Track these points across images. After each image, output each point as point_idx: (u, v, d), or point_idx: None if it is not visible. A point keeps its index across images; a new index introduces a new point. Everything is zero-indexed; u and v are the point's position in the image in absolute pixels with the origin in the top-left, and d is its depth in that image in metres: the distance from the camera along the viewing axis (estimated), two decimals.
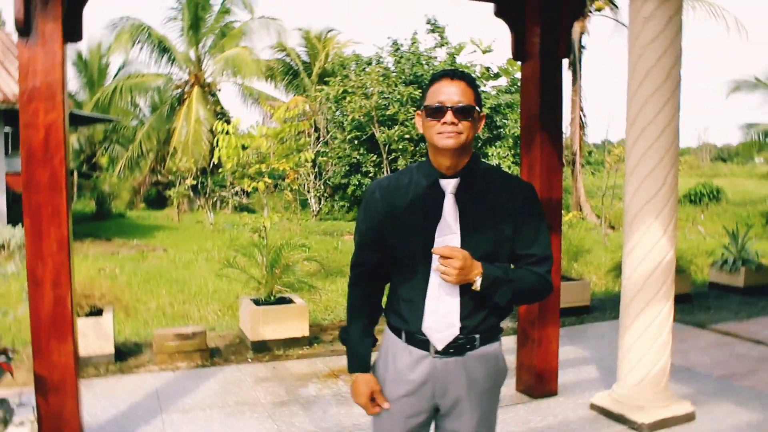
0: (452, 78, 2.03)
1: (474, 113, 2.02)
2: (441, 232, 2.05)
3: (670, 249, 4.26)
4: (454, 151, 2.02)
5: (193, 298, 9.06)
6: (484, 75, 14.78)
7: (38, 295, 3.64)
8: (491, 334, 2.14)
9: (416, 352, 2.11)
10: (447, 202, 2.06)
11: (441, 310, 2.05)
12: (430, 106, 2.02)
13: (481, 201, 2.08)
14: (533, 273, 2.10)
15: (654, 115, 4.06)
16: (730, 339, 6.69)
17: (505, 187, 2.12)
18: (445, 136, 1.99)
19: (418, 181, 2.12)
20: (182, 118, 23.60)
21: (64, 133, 3.65)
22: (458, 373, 2.09)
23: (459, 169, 2.07)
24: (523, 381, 4.99)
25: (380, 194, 2.16)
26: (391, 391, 2.16)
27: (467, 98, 2.01)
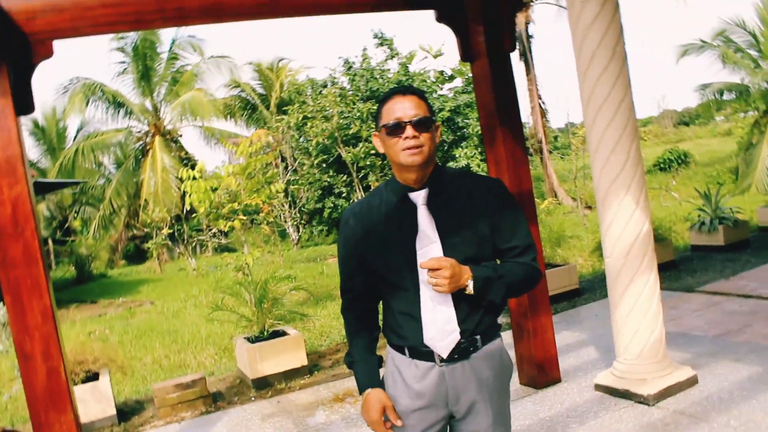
0: (404, 94, 2.08)
1: (431, 124, 2.07)
2: (421, 243, 2.09)
3: (646, 220, 4.33)
4: (423, 165, 2.07)
5: (188, 346, 8.98)
6: (439, 79, 14.91)
7: (30, 369, 3.61)
8: (491, 332, 2.17)
9: (422, 364, 2.14)
10: (420, 213, 2.10)
11: (439, 320, 2.08)
12: (388, 124, 2.05)
13: (454, 205, 2.12)
14: (520, 264, 2.14)
15: (606, 93, 4.14)
16: (720, 298, 6.79)
17: (474, 187, 2.15)
18: (409, 153, 2.03)
19: (389, 200, 2.16)
20: (148, 169, 23.44)
21: (31, 204, 3.64)
22: (467, 376, 2.12)
23: (426, 179, 2.12)
24: (526, 373, 5.03)
25: (354, 221, 2.20)
26: (405, 407, 2.17)
27: (422, 110, 2.06)
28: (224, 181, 9.19)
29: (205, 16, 4.03)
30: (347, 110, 13.53)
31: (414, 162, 2.04)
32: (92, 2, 3.74)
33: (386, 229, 2.14)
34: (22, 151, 3.63)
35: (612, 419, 4.13)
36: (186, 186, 8.96)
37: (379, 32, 14.75)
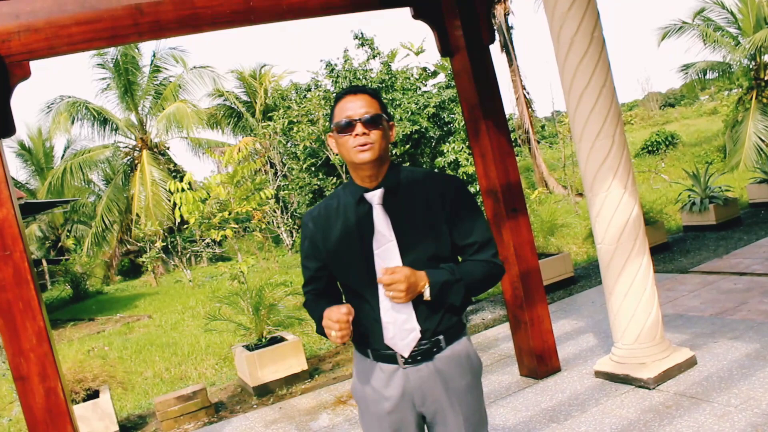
0: (355, 93, 2.10)
1: (382, 121, 2.08)
2: (378, 243, 2.09)
3: (635, 204, 4.34)
4: (373, 163, 2.07)
5: (188, 358, 8.96)
6: (422, 76, 14.89)
7: (27, 390, 3.58)
8: (455, 332, 2.16)
9: (386, 367, 2.14)
10: (376, 213, 2.11)
11: (399, 319, 2.08)
12: (339, 123, 2.06)
13: (410, 204, 2.12)
14: (479, 262, 2.13)
15: (587, 80, 4.15)
16: (715, 277, 6.82)
17: (430, 185, 2.15)
18: (360, 150, 2.04)
19: (346, 201, 2.17)
20: (138, 184, 23.40)
21: (18, 226, 3.60)
22: (432, 378, 2.12)
23: (381, 179, 2.13)
24: (525, 365, 5.03)
25: (313, 225, 2.22)
26: (374, 410, 2.18)
27: (373, 108, 2.07)
28: (213, 191, 9.18)
29: (181, 27, 4.01)
30: None
31: (364, 159, 2.04)
32: (66, 21, 3.72)
33: (344, 230, 2.14)
34: (5, 173, 3.59)
35: (614, 405, 4.14)
36: (175, 198, 8.95)
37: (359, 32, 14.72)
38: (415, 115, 13.61)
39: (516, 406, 4.48)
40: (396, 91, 14.30)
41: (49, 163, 29.48)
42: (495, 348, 5.98)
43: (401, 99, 13.95)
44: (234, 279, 9.55)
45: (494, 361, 5.61)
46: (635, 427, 3.78)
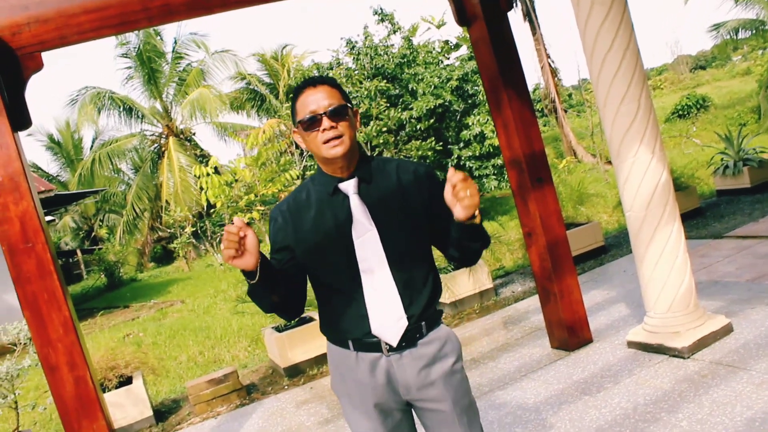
0: (314, 85, 2.02)
1: (347, 111, 2.01)
2: (358, 232, 2.03)
3: (663, 169, 4.20)
4: (346, 155, 2.01)
5: (221, 341, 9.04)
6: (444, 49, 14.68)
7: (57, 380, 3.61)
8: (435, 318, 2.13)
9: (369, 356, 2.08)
10: (353, 202, 2.04)
11: (385, 307, 2.03)
12: (304, 119, 1.99)
13: (385, 192, 2.07)
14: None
15: (610, 42, 4.00)
16: (750, 242, 6.63)
17: (403, 172, 2.11)
18: (330, 145, 1.98)
19: (318, 193, 2.10)
20: (166, 171, 23.59)
21: (39, 218, 3.61)
22: (415, 364, 2.08)
23: (353, 169, 2.07)
24: (556, 337, 4.95)
25: (283, 219, 2.13)
26: (360, 403, 2.13)
27: (336, 99, 2.00)
28: (238, 174, 9.19)
29: (191, 10, 3.95)
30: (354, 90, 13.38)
31: (337, 153, 1.98)
32: (76, 9, 3.68)
33: (319, 222, 2.07)
34: (23, 166, 3.60)
35: (647, 375, 4.04)
36: (201, 182, 8.99)
37: (379, 8, 14.54)
38: (438, 89, 13.44)
39: (547, 379, 4.42)
40: (418, 66, 14.12)
41: (79, 154, 29.90)
42: (525, 321, 5.90)
43: (423, 73, 13.78)
44: None
45: (524, 334, 5.54)
46: (670, 397, 3.69)
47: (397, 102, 13.85)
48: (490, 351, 5.33)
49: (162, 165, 24.02)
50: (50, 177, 29.63)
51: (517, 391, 4.35)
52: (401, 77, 14.06)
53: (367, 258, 2.02)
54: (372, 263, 2.02)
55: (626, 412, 3.67)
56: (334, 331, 2.14)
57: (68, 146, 30.01)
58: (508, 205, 15.31)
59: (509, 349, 5.23)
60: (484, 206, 16.73)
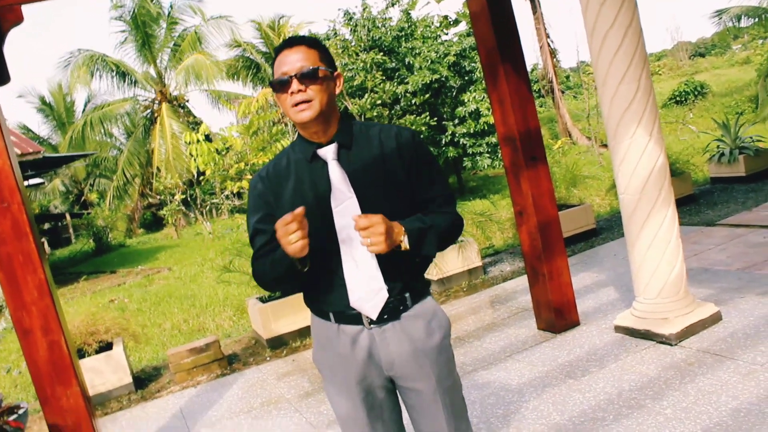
0: (290, 46, 1.93)
1: (320, 74, 1.90)
2: (337, 201, 1.94)
3: (660, 152, 4.11)
4: (316, 120, 1.92)
5: (206, 309, 8.99)
6: (443, 24, 14.48)
7: (31, 344, 3.53)
8: (421, 290, 2.05)
9: (350, 329, 2.00)
10: (332, 169, 1.95)
11: (363, 278, 1.95)
12: (275, 81, 1.91)
13: (366, 158, 1.98)
14: (444, 213, 2.02)
15: (612, 19, 3.88)
16: (743, 230, 6.57)
17: (385, 137, 2.02)
18: (298, 109, 1.89)
19: (297, 159, 2.01)
20: (158, 137, 23.36)
21: (16, 177, 3.49)
22: (399, 338, 2.00)
23: (332, 134, 1.98)
24: (543, 318, 4.89)
25: (263, 185, 2.04)
26: (341, 377, 2.06)
27: (310, 61, 1.90)
28: (229, 142, 9.06)
29: None
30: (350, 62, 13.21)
31: (303, 118, 1.89)
32: None
33: (297, 189, 1.98)
34: (0, 123, 3.47)
35: (633, 361, 3.99)
36: (191, 149, 8.85)
37: None
38: (435, 64, 13.28)
39: (532, 361, 4.36)
40: (416, 40, 13.95)
41: (71, 117, 29.59)
42: (513, 301, 5.84)
43: (421, 47, 13.60)
44: None
45: (511, 314, 5.48)
46: (655, 384, 3.64)
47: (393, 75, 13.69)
48: (476, 330, 5.27)
49: (154, 131, 23.80)
50: (41, 139, 29.33)
51: (501, 372, 4.29)
52: (398, 51, 13.89)
53: (346, 227, 1.93)
54: (351, 232, 1.92)
55: (610, 397, 3.61)
56: (316, 303, 2.07)
57: (60, 109, 29.68)
58: (501, 185, 15.23)
59: (495, 329, 5.18)
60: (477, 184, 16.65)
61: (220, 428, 4.41)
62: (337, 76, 1.99)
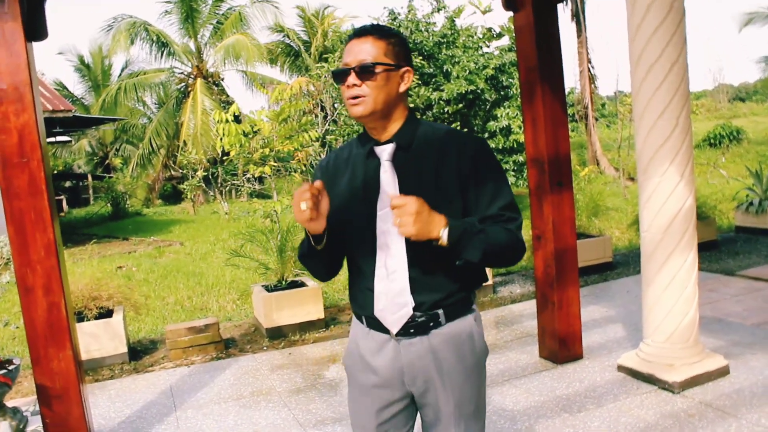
0: (359, 36, 1.84)
1: (378, 69, 1.79)
2: (382, 204, 1.85)
3: (689, 194, 4.01)
4: (369, 117, 1.83)
5: (211, 289, 8.97)
6: (486, 35, 14.36)
7: (31, 302, 3.51)
8: (459, 308, 1.92)
9: (378, 336, 1.93)
10: (384, 170, 1.87)
11: (391, 290, 1.86)
12: (335, 71, 1.83)
13: (422, 164, 1.86)
14: (504, 229, 1.82)
15: (659, 52, 3.78)
16: (762, 284, 6.42)
17: (449, 144, 1.87)
18: (351, 103, 1.81)
19: (357, 153, 1.94)
20: (189, 111, 23.44)
21: (39, 134, 3.48)
22: (424, 354, 1.90)
23: (393, 132, 1.88)
24: (547, 347, 4.80)
25: (321, 175, 2.00)
26: (361, 381, 2.00)
27: (373, 54, 1.80)
28: (257, 126, 9.04)
29: None
30: None
31: (355, 113, 1.82)
32: None
33: (350, 185, 1.92)
34: (32, 78, 3.45)
35: (632, 404, 3.89)
36: (218, 128, 8.84)
37: None
38: (473, 75, 13.16)
39: (529, 389, 4.27)
40: (457, 48, 13.83)
41: (106, 80, 29.82)
42: (518, 324, 5.75)
43: (461, 56, 13.49)
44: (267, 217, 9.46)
45: (515, 337, 5.39)
46: (652, 430, 3.53)
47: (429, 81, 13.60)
48: None
49: (186, 105, 23.89)
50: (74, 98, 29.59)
51: (497, 395, 4.21)
52: (438, 57, 13.80)
53: (386, 233, 1.85)
54: (389, 239, 1.84)
55: None
56: (353, 303, 2.03)
57: (97, 71, 29.94)
58: (522, 204, 15.11)
59: (497, 351, 5.09)
60: None
61: (207, 412, 4.37)
62: (406, 71, 1.88)
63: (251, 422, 4.14)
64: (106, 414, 4.46)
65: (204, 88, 23.71)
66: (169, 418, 4.32)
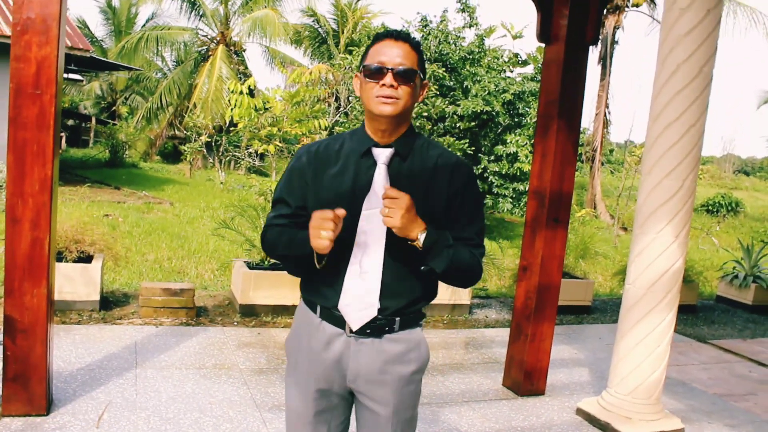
0: (396, 39, 1.89)
1: (415, 78, 1.88)
2: (369, 204, 1.90)
3: (680, 256, 4.05)
4: (392, 119, 1.89)
5: (192, 254, 8.97)
6: (511, 60, 14.44)
7: (16, 234, 3.50)
8: (413, 319, 2.02)
9: (330, 329, 1.97)
10: (378, 172, 1.93)
11: (360, 288, 1.91)
12: (370, 66, 1.87)
13: (415, 175, 1.94)
14: (470, 252, 1.95)
15: (680, 113, 3.82)
16: (731, 357, 6.48)
17: (442, 162, 1.99)
18: (381, 101, 1.85)
19: (351, 149, 1.98)
20: (205, 75, 23.37)
21: (58, 70, 3.47)
22: (372, 355, 1.96)
23: (394, 138, 1.94)
24: (511, 376, 4.82)
25: (307, 159, 2.01)
26: (304, 370, 2.02)
27: (410, 61, 1.87)
28: (270, 103, 9.04)
29: None
30: None
31: (384, 112, 1.86)
32: None
33: (338, 178, 1.95)
34: (60, 12, 3.44)
35: None
36: (231, 98, 8.84)
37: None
38: (491, 96, 13.23)
39: (486, 414, 4.30)
40: (481, 67, 13.90)
41: (129, 28, 29.72)
42: (487, 349, 5.77)
43: (483, 76, 13.55)
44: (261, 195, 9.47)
45: (482, 361, 5.41)
46: None
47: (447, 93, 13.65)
48: (443, 365, 5.21)
49: (203, 68, 23.81)
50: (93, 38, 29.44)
51: (454, 415, 4.23)
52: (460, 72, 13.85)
53: (366, 232, 1.90)
54: (369, 239, 1.90)
55: None
56: (308, 292, 2.04)
57: (122, 16, 29.84)
58: (514, 232, 15.15)
59: (461, 371, 5.11)
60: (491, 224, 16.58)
61: (167, 375, 4.37)
62: (425, 85, 1.97)
63: (208, 393, 4.14)
64: (68, 357, 4.46)
65: (224, 55, 23.64)
66: (128, 373, 4.32)
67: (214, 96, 22.23)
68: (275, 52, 25.75)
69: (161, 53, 26.84)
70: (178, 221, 11.73)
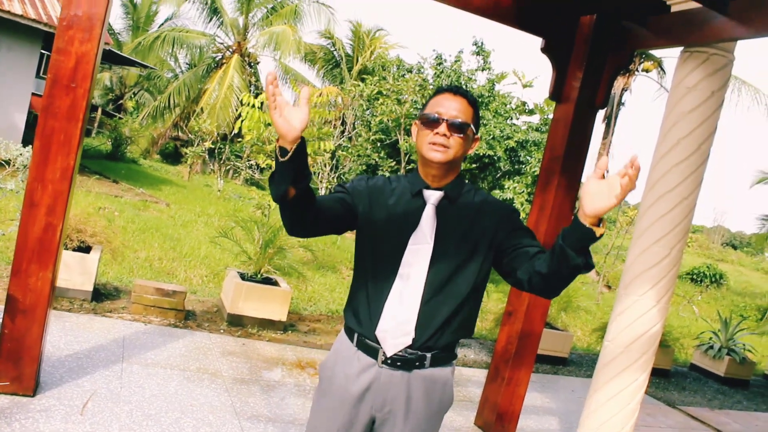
0: (455, 93, 2.06)
1: (467, 131, 2.04)
2: (415, 240, 2.05)
3: (659, 320, 4.21)
4: (442, 165, 2.04)
5: (183, 257, 9.06)
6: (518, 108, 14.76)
7: (31, 217, 3.63)
8: (444, 357, 2.10)
9: (364, 359, 2.08)
10: (427, 211, 2.07)
11: (398, 317, 2.03)
12: (428, 115, 2.03)
13: (461, 217, 2.09)
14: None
15: (675, 185, 4.02)
16: (697, 424, 6.62)
17: (488, 208, 2.12)
18: (434, 148, 2.01)
19: (404, 187, 2.14)
20: (216, 81, 23.62)
21: (95, 67, 3.64)
22: (400, 388, 2.06)
23: (444, 183, 2.10)
24: (483, 417, 4.95)
25: (366, 186, 2.15)
26: (336, 395, 2.13)
27: (465, 115, 2.03)
28: None
29: None
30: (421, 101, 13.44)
31: (434, 158, 2.02)
32: None
33: (390, 211, 2.10)
34: (106, 13, 3.62)
35: None
36: (242, 110, 9.02)
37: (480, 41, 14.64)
38: (495, 141, 13.49)
39: None
40: (488, 111, 14.19)
41: (147, 25, 30.05)
42: (462, 387, 5.90)
43: (489, 121, 13.83)
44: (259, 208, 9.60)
45: (456, 399, 5.53)
46: None
47: None
48: None
49: (215, 75, 24.07)
50: (111, 31, 29.73)
51: None
52: None
53: (411, 265, 2.03)
54: (411, 272, 2.03)
55: None
56: (350, 317, 2.15)
57: (142, 12, 30.17)
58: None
59: None
60: None
61: (152, 372, 4.47)
62: (476, 139, 2.13)
63: (191, 396, 4.24)
64: (57, 343, 4.55)
65: (238, 65, 23.93)
66: (114, 366, 4.42)
67: (223, 103, 22.45)
68: (288, 69, 26.06)
69: (175, 54, 27.11)
70: (173, 223, 11.83)
